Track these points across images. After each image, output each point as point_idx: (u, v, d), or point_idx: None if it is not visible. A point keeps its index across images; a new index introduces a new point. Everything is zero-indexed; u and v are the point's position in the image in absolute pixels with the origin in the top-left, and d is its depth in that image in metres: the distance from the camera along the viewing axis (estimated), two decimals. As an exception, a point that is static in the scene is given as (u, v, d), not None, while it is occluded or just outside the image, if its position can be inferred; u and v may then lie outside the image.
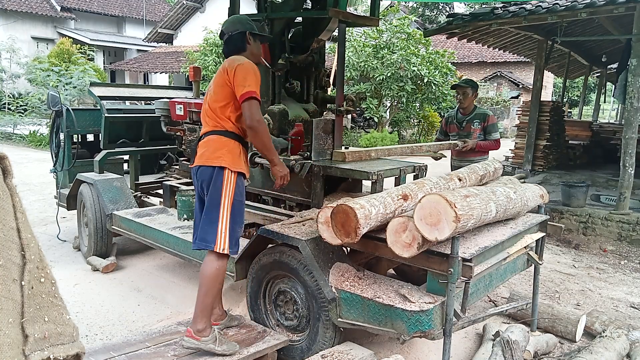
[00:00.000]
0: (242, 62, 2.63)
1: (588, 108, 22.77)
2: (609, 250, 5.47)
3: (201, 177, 2.66)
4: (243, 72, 2.58)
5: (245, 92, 2.54)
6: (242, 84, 2.55)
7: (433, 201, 2.17)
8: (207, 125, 2.71)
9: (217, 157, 2.62)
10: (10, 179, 1.14)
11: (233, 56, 2.71)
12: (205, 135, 2.71)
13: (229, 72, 2.60)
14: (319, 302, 2.61)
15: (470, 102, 4.60)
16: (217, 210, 2.58)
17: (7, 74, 16.42)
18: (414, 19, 15.32)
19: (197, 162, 2.68)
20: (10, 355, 0.99)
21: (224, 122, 2.66)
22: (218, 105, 2.65)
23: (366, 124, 16.80)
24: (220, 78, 2.64)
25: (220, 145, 2.64)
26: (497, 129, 4.62)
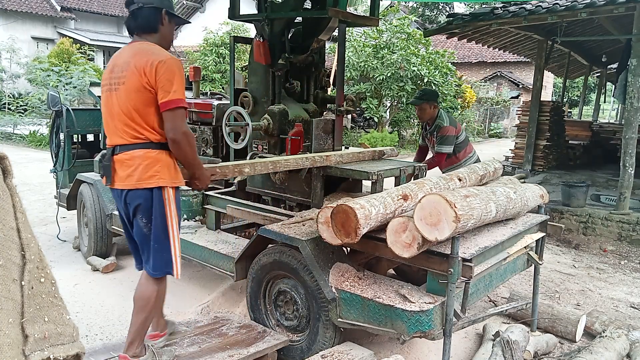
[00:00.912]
0: (162, 58, 2.19)
1: (588, 108, 22.77)
2: (609, 250, 5.47)
3: (134, 202, 2.29)
4: (167, 73, 2.17)
5: (170, 99, 2.16)
6: (166, 89, 2.16)
7: (433, 201, 2.17)
8: (124, 136, 2.26)
9: (150, 176, 2.26)
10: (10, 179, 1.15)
11: (143, 44, 2.28)
12: (124, 149, 2.26)
13: (147, 73, 2.16)
14: (319, 302, 2.61)
15: (429, 116, 4.31)
16: (167, 235, 2.33)
17: (7, 74, 16.41)
18: (414, 19, 15.32)
19: (124, 184, 2.28)
20: (10, 355, 0.99)
21: (147, 132, 2.25)
22: (136, 112, 2.22)
23: (366, 124, 16.81)
24: (136, 79, 2.18)
25: (151, 162, 2.25)
26: (442, 142, 4.18)
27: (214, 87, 13.81)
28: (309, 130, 3.45)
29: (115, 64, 2.30)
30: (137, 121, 2.24)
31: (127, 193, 2.30)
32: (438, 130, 4.23)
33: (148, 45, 2.29)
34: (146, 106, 2.22)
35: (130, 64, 2.21)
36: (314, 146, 3.39)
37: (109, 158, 2.30)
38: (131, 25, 2.36)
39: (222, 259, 3.28)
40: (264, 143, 3.55)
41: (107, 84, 2.32)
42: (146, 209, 2.30)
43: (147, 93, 2.20)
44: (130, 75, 2.20)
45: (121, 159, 2.28)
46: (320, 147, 3.42)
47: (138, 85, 2.19)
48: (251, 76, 3.68)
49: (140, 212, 2.31)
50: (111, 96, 2.29)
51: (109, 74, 2.32)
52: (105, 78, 2.34)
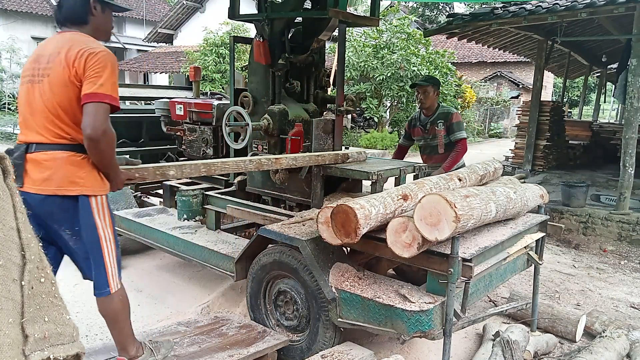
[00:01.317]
0: (94, 49, 1.97)
1: (588, 108, 22.77)
2: (609, 250, 5.47)
3: (50, 210, 2.03)
4: (97, 65, 1.95)
5: (94, 92, 1.93)
6: (93, 81, 1.94)
7: (433, 201, 2.17)
8: (45, 134, 2.01)
9: (72, 182, 2.01)
10: (10, 179, 1.15)
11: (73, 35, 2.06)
12: (43, 148, 2.00)
13: (75, 64, 1.95)
14: (319, 302, 2.61)
15: (432, 101, 4.19)
16: (99, 249, 2.12)
17: (7, 74, 16.42)
18: (414, 19, 15.32)
19: (40, 188, 1.99)
20: (10, 355, 0.99)
21: (74, 132, 2.02)
22: (62, 109, 2.00)
23: (366, 124, 16.81)
24: (62, 72, 1.96)
25: (75, 167, 2.01)
26: (461, 128, 4.12)
27: (214, 87, 13.81)
28: (309, 130, 3.45)
29: (41, 54, 2.07)
30: (63, 119, 2.01)
31: (43, 199, 2.01)
32: (449, 117, 4.12)
33: (80, 36, 2.06)
34: (74, 103, 2.00)
35: (59, 55, 1.99)
36: (314, 146, 3.39)
37: (21, 156, 2.00)
38: (58, 16, 2.13)
39: (222, 259, 3.28)
40: (264, 143, 3.56)
41: (28, 74, 2.08)
42: (68, 220, 2.07)
43: (73, 87, 1.98)
44: (57, 67, 1.98)
45: (37, 159, 2.00)
46: (320, 147, 3.42)
47: (64, 79, 1.98)
48: (251, 76, 3.68)
49: (64, 223, 2.07)
50: (33, 89, 2.04)
51: (31, 64, 2.08)
52: (27, 68, 2.10)
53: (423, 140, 4.30)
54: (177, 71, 18.81)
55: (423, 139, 4.30)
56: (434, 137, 4.21)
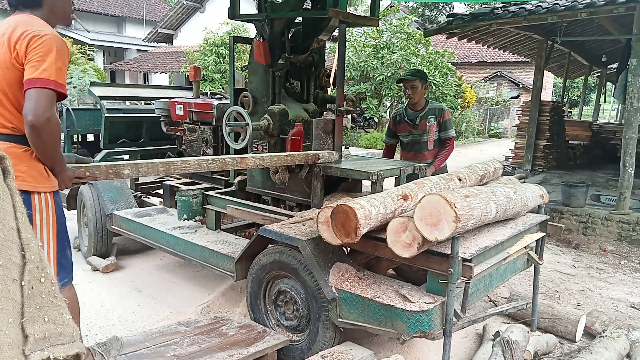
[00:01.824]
0: (40, 32, 1.84)
1: (588, 108, 22.78)
2: (609, 250, 5.47)
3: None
4: (41, 48, 1.81)
5: (37, 77, 1.78)
6: (35, 65, 1.80)
7: (433, 201, 2.17)
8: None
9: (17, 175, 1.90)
10: (10, 179, 1.15)
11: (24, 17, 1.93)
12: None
13: (17, 46, 1.81)
14: (319, 302, 2.61)
15: (420, 96, 4.10)
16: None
17: (7, 74, 16.41)
18: (414, 19, 15.33)
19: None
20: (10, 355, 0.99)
21: (17, 121, 1.88)
22: (3, 94, 1.88)
23: (366, 124, 16.82)
24: (3, 53, 1.85)
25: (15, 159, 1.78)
26: (452, 126, 4.09)
27: (214, 87, 13.82)
28: (309, 130, 3.45)
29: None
30: (5, 105, 1.89)
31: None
32: (441, 113, 4.08)
33: (29, 18, 1.92)
34: (16, 89, 1.86)
35: (3, 37, 1.87)
36: (314, 146, 3.40)
37: None
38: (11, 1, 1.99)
39: (222, 259, 3.28)
40: (264, 143, 3.56)
41: None
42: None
43: (15, 71, 1.85)
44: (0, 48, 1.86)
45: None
46: (320, 147, 3.42)
47: (6, 61, 1.85)
48: (251, 76, 3.68)
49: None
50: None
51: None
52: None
53: (411, 136, 4.19)
54: (177, 71, 18.83)
55: (411, 134, 4.19)
56: (423, 133, 4.13)
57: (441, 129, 4.11)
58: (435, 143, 4.17)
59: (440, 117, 4.10)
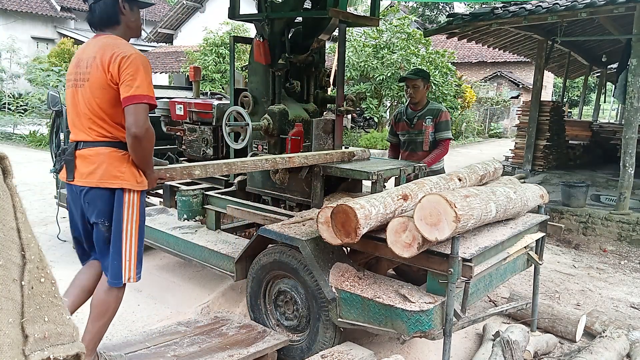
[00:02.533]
0: (125, 53, 2.10)
1: (588, 108, 22.77)
2: (609, 250, 5.47)
3: (94, 202, 2.19)
4: (130, 68, 2.08)
5: (132, 94, 2.06)
6: (129, 84, 2.07)
7: (433, 201, 2.17)
8: (89, 134, 2.18)
9: (114, 176, 2.16)
10: (10, 179, 1.14)
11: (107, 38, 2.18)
12: (90, 145, 2.18)
13: (110, 69, 2.08)
14: (319, 302, 2.61)
15: (422, 95, 4.08)
16: (120, 241, 2.23)
17: (7, 74, 16.42)
18: (414, 19, 15.33)
19: (86, 181, 2.17)
20: (10, 355, 0.99)
21: (115, 130, 2.18)
22: (102, 111, 2.15)
23: (366, 124, 16.82)
24: (100, 76, 2.11)
25: (116, 162, 2.16)
26: (449, 127, 4.07)
27: (214, 87, 13.81)
28: (309, 130, 3.45)
29: (80, 59, 2.21)
30: (104, 119, 2.16)
31: (87, 191, 2.18)
32: (439, 114, 4.05)
33: (113, 40, 2.19)
34: (113, 104, 2.14)
35: (95, 60, 2.12)
36: (314, 146, 3.40)
37: (71, 152, 2.20)
38: (92, 20, 2.26)
39: (222, 259, 3.28)
40: (264, 143, 3.56)
41: (72, 78, 2.24)
42: (106, 212, 2.20)
43: (111, 90, 2.12)
44: (94, 71, 2.12)
45: (84, 154, 2.18)
46: (320, 147, 3.42)
47: (102, 82, 2.12)
48: (251, 76, 3.68)
49: (101, 214, 2.21)
50: (77, 92, 2.20)
51: (74, 69, 2.23)
52: (70, 72, 2.26)
53: (407, 135, 4.18)
54: (177, 71, 18.82)
55: (408, 133, 4.18)
56: (419, 133, 4.10)
57: (436, 130, 4.07)
58: (431, 144, 4.12)
59: (437, 118, 4.06)
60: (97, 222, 2.24)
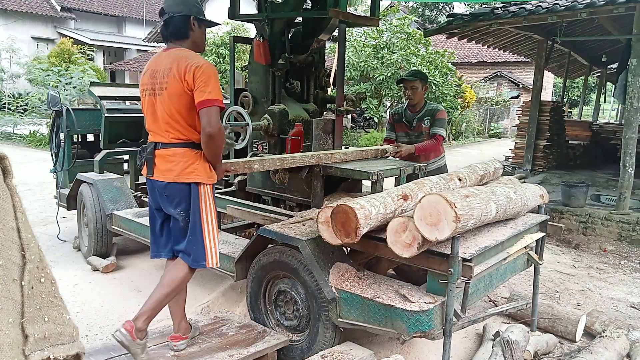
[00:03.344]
0: (198, 63, 2.37)
1: (588, 108, 22.78)
2: (609, 250, 5.47)
3: (172, 194, 2.48)
4: (203, 76, 2.36)
5: (206, 99, 2.34)
6: (202, 90, 2.34)
7: (433, 201, 2.17)
8: (167, 135, 2.46)
9: (189, 172, 2.45)
10: (10, 179, 1.14)
11: (179, 51, 2.45)
12: (167, 146, 2.47)
13: (186, 78, 2.36)
14: (319, 302, 2.61)
15: (420, 97, 4.05)
16: (201, 229, 2.49)
17: (7, 74, 16.42)
18: (414, 19, 15.32)
19: (164, 177, 2.47)
20: (11, 355, 0.99)
21: (190, 133, 2.46)
22: (180, 115, 2.42)
23: (366, 124, 16.82)
24: (177, 85, 2.38)
25: (191, 160, 2.46)
26: (442, 125, 4.02)
27: (214, 87, 13.78)
28: (309, 130, 3.45)
29: (156, 70, 2.47)
30: (181, 123, 2.43)
31: (166, 185, 2.48)
32: (435, 113, 4.02)
33: (184, 52, 2.45)
34: (189, 109, 2.41)
35: (172, 71, 2.38)
36: (314, 146, 3.40)
37: (151, 152, 2.50)
38: (165, 33, 2.53)
39: (222, 259, 3.27)
40: (264, 143, 3.56)
41: (148, 88, 2.50)
42: (184, 203, 2.48)
43: (187, 97, 2.39)
44: (171, 81, 2.39)
45: (163, 154, 2.48)
46: (320, 147, 3.42)
47: (179, 90, 2.38)
48: (251, 76, 3.68)
49: (179, 205, 2.49)
50: (155, 100, 2.47)
51: (150, 79, 2.49)
52: (145, 82, 2.51)
53: (407, 137, 4.14)
54: (177, 71, 18.79)
55: (407, 135, 4.15)
56: (419, 135, 4.08)
57: (431, 126, 4.02)
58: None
59: (433, 117, 4.03)
60: (175, 212, 2.51)
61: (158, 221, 2.65)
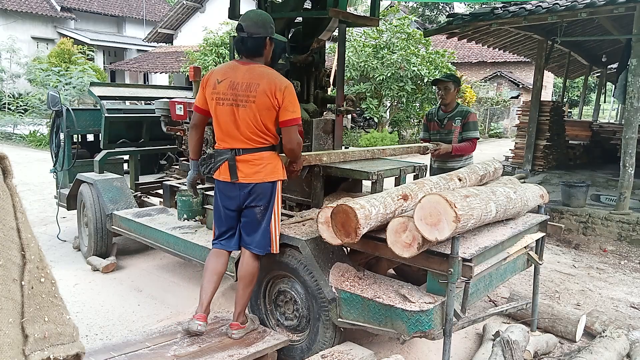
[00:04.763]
0: (286, 84, 2.65)
1: (588, 108, 22.78)
2: (609, 250, 5.47)
3: (258, 193, 2.71)
4: (290, 96, 2.64)
5: (292, 118, 2.65)
6: (290, 109, 2.63)
7: (433, 201, 2.17)
8: (250, 142, 2.69)
9: (274, 171, 2.73)
10: (10, 179, 1.14)
11: (263, 68, 2.68)
12: (251, 151, 2.70)
13: (277, 96, 2.61)
14: (319, 302, 2.61)
15: (452, 98, 4.32)
16: (270, 218, 2.74)
17: (7, 74, 16.42)
18: (414, 19, 15.33)
19: (253, 179, 2.69)
20: (10, 355, 0.99)
21: (271, 139, 2.73)
22: (265, 125, 2.66)
23: (366, 124, 16.82)
24: (267, 101, 2.61)
25: (274, 161, 2.74)
26: (475, 128, 4.32)
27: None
28: (309, 130, 3.45)
29: (236, 82, 2.65)
30: (265, 132, 2.68)
31: (254, 186, 2.70)
32: (466, 116, 4.27)
33: (268, 70, 2.69)
34: (272, 120, 2.67)
35: (260, 87, 2.60)
36: (314, 146, 3.40)
37: (232, 158, 2.70)
38: (241, 48, 2.73)
39: (222, 259, 3.27)
40: (264, 143, 3.55)
41: (229, 98, 2.66)
42: (267, 199, 2.72)
43: (273, 111, 2.64)
44: (261, 96, 2.60)
45: (247, 159, 2.69)
46: (320, 147, 3.42)
47: (269, 105, 2.61)
48: (251, 76, 3.67)
49: (262, 201, 2.72)
50: (237, 110, 2.64)
51: (230, 90, 2.66)
52: (224, 92, 2.67)
53: (438, 134, 4.41)
54: (177, 71, 18.83)
55: (438, 133, 4.41)
56: (449, 133, 4.32)
57: (464, 129, 4.28)
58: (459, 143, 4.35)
59: (465, 119, 4.27)
60: (255, 207, 2.73)
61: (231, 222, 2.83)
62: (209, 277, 2.83)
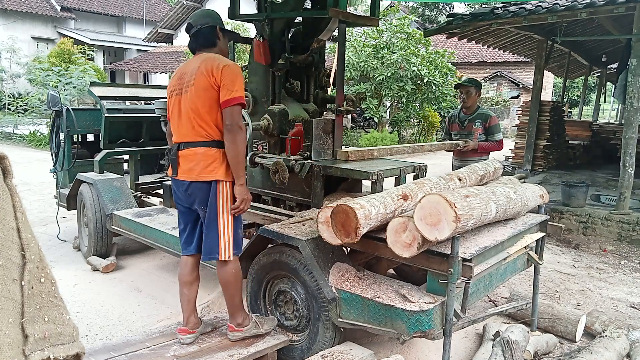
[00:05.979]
0: (226, 63, 2.52)
1: (588, 108, 22.78)
2: (609, 250, 5.47)
3: (193, 192, 2.60)
4: (231, 75, 2.49)
5: (232, 97, 2.47)
6: (229, 88, 2.46)
7: (433, 201, 2.17)
8: (190, 134, 2.57)
9: (209, 171, 2.56)
10: (10, 179, 1.14)
11: (208, 54, 2.60)
12: (189, 146, 2.58)
13: (214, 73, 2.48)
14: (319, 302, 2.61)
15: (473, 101, 4.60)
16: (216, 223, 2.59)
17: (7, 74, 16.42)
18: (414, 19, 15.33)
19: (186, 176, 2.60)
20: (11, 355, 0.99)
21: (210, 129, 2.55)
22: (203, 109, 2.52)
23: (366, 124, 16.82)
24: (204, 79, 2.49)
25: (211, 159, 2.56)
26: (499, 130, 4.65)
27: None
28: (309, 130, 3.45)
29: (184, 72, 2.61)
30: (204, 118, 2.53)
31: (188, 185, 2.60)
32: (488, 119, 4.56)
33: (213, 55, 2.60)
34: (211, 105, 2.51)
35: (200, 69, 2.51)
36: (314, 146, 3.39)
37: (175, 153, 2.63)
38: (194, 46, 2.69)
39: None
40: (264, 143, 3.56)
41: (176, 89, 2.63)
42: (203, 200, 2.59)
43: (212, 91, 2.49)
44: (199, 76, 2.50)
45: (185, 154, 2.59)
46: (320, 147, 3.42)
47: (206, 85, 2.49)
48: (251, 76, 3.68)
49: (200, 202, 2.60)
50: (180, 99, 2.59)
51: (177, 81, 2.63)
52: (173, 84, 2.65)
53: (459, 135, 4.66)
54: (177, 71, 18.78)
55: (459, 134, 4.67)
56: (469, 134, 4.58)
57: (488, 133, 4.56)
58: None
59: (487, 122, 4.55)
60: (199, 209, 2.64)
61: (185, 219, 2.76)
62: (180, 290, 2.79)
